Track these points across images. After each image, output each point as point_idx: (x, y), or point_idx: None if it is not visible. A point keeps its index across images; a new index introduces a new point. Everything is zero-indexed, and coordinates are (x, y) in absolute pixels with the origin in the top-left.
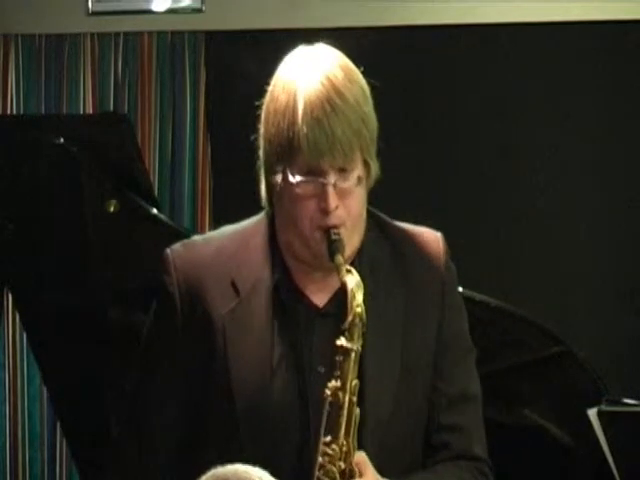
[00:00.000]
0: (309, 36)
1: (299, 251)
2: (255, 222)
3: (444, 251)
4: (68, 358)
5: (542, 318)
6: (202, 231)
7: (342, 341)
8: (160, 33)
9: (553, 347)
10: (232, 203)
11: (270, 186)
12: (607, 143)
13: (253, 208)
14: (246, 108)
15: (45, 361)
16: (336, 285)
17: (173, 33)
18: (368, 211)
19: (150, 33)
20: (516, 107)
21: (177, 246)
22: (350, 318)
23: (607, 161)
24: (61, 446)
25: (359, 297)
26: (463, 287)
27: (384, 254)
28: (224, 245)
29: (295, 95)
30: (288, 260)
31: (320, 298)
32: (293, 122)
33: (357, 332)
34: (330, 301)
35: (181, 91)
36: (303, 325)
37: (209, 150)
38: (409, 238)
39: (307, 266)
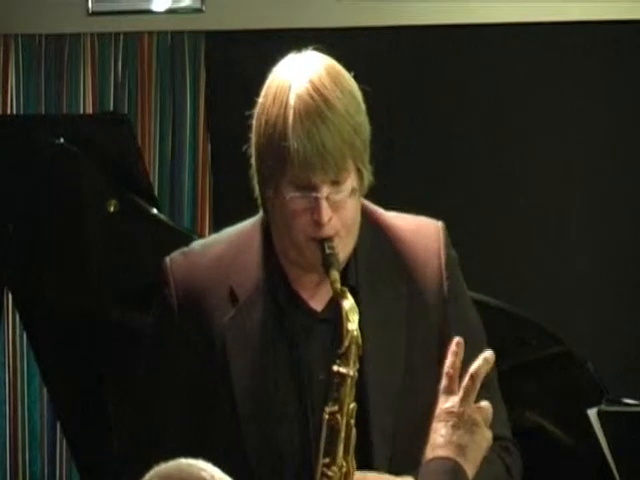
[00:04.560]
0: (309, 36)
1: (294, 259)
2: (252, 225)
3: (443, 240)
4: (68, 358)
5: (542, 318)
6: (202, 231)
7: (338, 367)
8: (160, 33)
9: (553, 347)
10: (232, 203)
11: (263, 195)
12: (607, 143)
13: (253, 208)
14: (246, 108)
15: (45, 361)
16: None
17: (173, 33)
18: (361, 207)
19: (150, 33)
20: (516, 107)
21: (176, 255)
22: (346, 343)
23: (608, 161)
24: (61, 446)
25: (354, 320)
26: None
27: (381, 251)
28: (222, 251)
29: (285, 108)
30: (284, 264)
31: (318, 302)
32: (284, 136)
33: (353, 357)
34: (328, 305)
35: (181, 91)
36: (302, 331)
37: (209, 150)
38: (407, 231)
39: (303, 270)
